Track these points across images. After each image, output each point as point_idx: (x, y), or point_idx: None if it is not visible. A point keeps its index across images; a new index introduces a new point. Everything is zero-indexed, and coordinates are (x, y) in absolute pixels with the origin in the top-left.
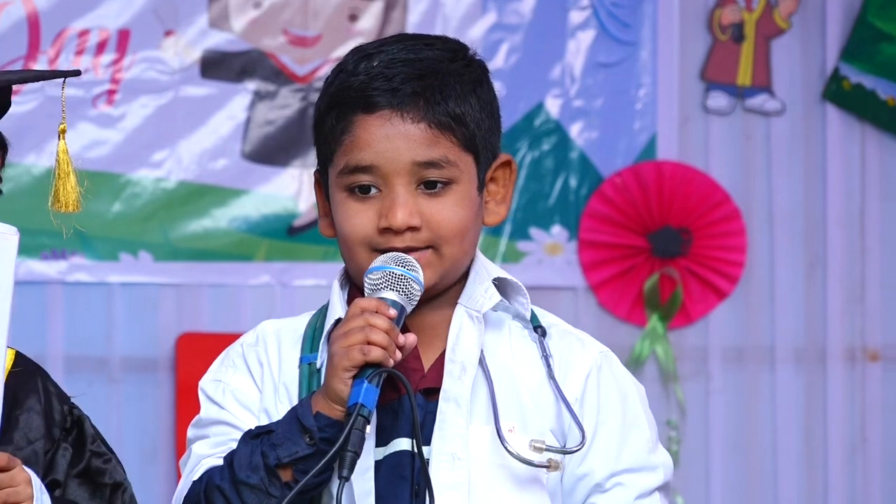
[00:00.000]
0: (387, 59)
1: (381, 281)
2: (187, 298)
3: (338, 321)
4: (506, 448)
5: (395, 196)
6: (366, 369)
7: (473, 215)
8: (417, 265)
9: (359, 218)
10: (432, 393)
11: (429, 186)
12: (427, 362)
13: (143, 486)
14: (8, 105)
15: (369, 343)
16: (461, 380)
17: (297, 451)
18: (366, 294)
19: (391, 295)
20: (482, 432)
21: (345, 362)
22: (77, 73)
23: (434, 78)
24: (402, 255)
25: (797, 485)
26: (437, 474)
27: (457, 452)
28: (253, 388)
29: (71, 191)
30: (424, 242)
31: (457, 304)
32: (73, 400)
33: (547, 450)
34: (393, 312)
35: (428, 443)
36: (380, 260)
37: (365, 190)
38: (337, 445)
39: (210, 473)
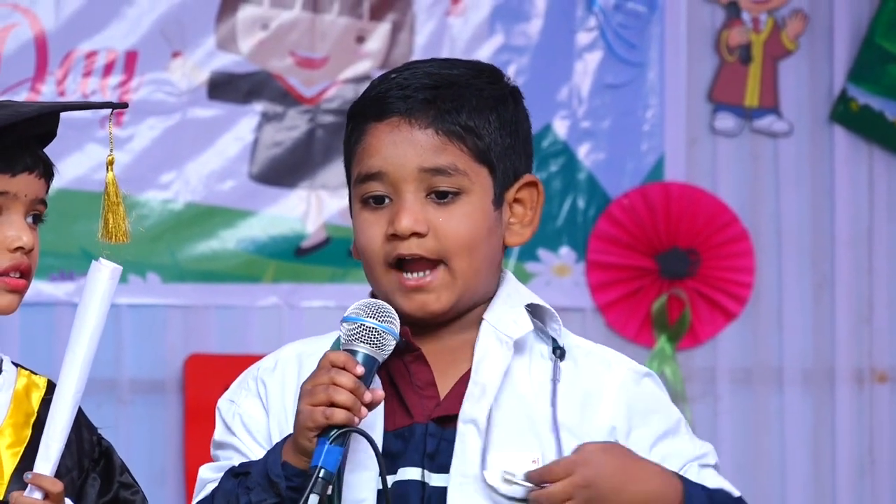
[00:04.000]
0: (408, 73)
1: (353, 333)
2: (195, 320)
3: None
4: (484, 481)
5: (402, 202)
6: (329, 429)
7: (485, 230)
8: (394, 314)
9: (372, 230)
10: (448, 421)
11: (439, 196)
12: (443, 388)
13: None
14: (55, 132)
15: (333, 404)
16: (480, 403)
17: (265, 499)
18: (341, 342)
19: (362, 348)
20: (498, 459)
21: (308, 423)
22: (125, 105)
23: (449, 89)
24: (378, 303)
25: None
26: (458, 499)
27: (477, 475)
28: (262, 414)
29: (121, 222)
30: (432, 252)
31: (481, 320)
32: (99, 431)
33: (515, 483)
34: (360, 370)
35: (444, 470)
36: (354, 309)
37: (379, 201)
38: None
39: (202, 502)
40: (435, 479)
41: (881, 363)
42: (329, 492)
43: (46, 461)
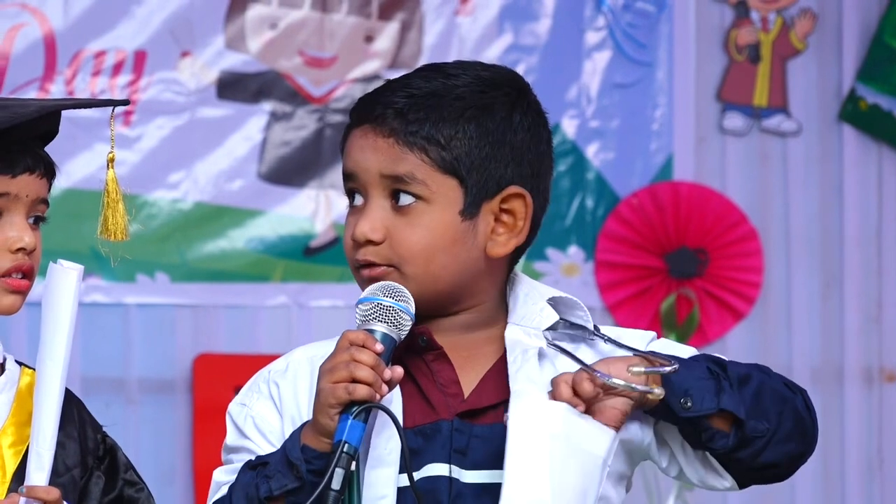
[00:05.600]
0: (396, 83)
1: (370, 312)
2: (204, 319)
3: None
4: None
5: (366, 207)
6: (351, 405)
7: (447, 240)
8: (408, 295)
9: (348, 228)
10: (474, 416)
11: (399, 202)
12: (467, 385)
13: None
14: (56, 131)
15: (354, 380)
16: (525, 358)
17: (286, 484)
18: (356, 324)
19: (380, 327)
20: (558, 407)
21: (330, 399)
22: (126, 102)
23: (425, 99)
24: (393, 284)
25: None
26: (518, 447)
27: (543, 397)
28: (275, 416)
29: (120, 219)
30: (384, 259)
31: (501, 327)
32: (104, 429)
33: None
34: (380, 347)
35: (475, 467)
36: (369, 290)
37: (356, 199)
38: (322, 485)
39: (219, 502)
40: (465, 476)
41: (890, 362)
42: (353, 467)
43: (40, 471)
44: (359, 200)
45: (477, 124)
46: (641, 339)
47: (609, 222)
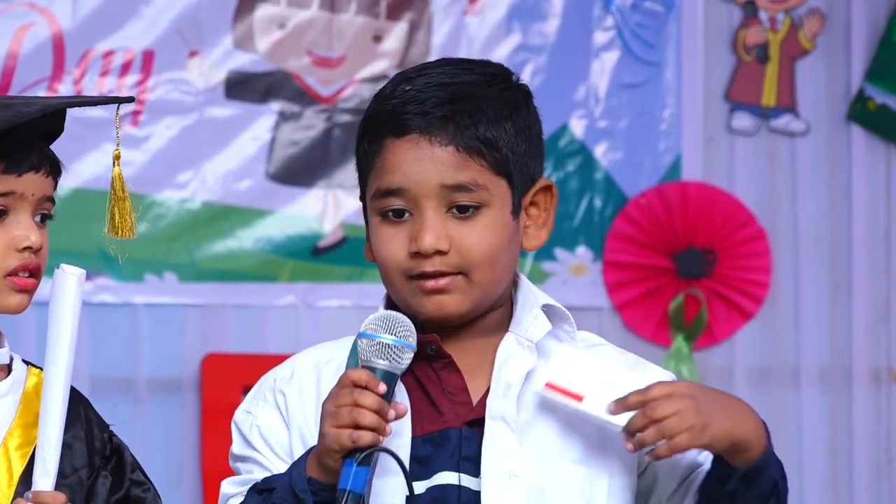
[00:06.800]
0: (422, 84)
1: (371, 349)
2: (212, 319)
3: None
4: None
5: (424, 219)
6: (356, 450)
7: (506, 241)
8: (409, 326)
9: (392, 243)
10: (480, 424)
11: (460, 211)
12: (475, 392)
13: None
14: (62, 129)
15: (358, 427)
16: (506, 397)
17: None
18: (359, 358)
19: (382, 364)
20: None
21: (334, 445)
22: (131, 99)
23: (466, 102)
24: (393, 316)
25: None
26: (493, 496)
27: (513, 470)
28: (282, 427)
29: (127, 217)
30: (454, 267)
31: (506, 332)
32: (111, 428)
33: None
34: (382, 388)
35: (478, 475)
36: (371, 324)
37: (399, 214)
38: None
39: None
40: (473, 483)
41: None
42: None
43: (46, 476)
44: (405, 216)
45: (513, 122)
46: (663, 375)
47: (617, 222)
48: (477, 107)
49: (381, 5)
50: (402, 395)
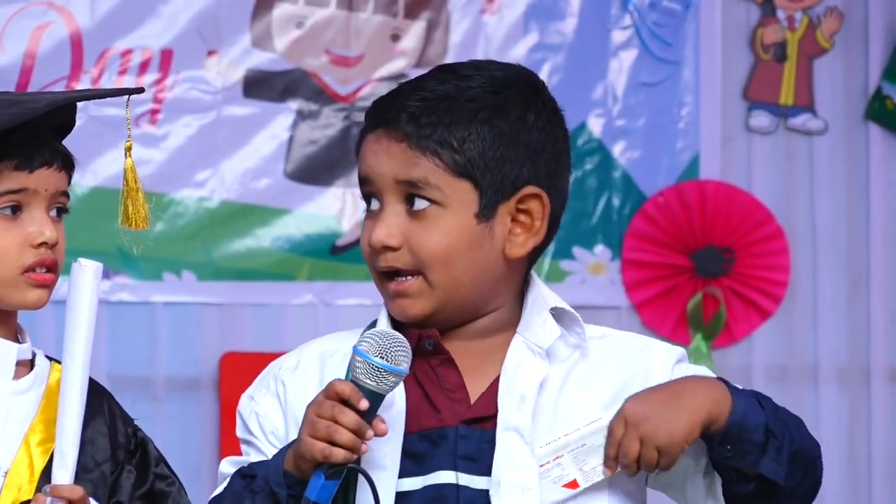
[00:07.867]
0: (411, 85)
1: (360, 367)
2: (230, 318)
3: None
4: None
5: (382, 213)
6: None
7: (464, 243)
8: (405, 348)
9: (365, 232)
10: (481, 421)
11: (414, 208)
12: (474, 390)
13: None
14: (73, 123)
15: (333, 443)
16: (520, 409)
17: None
18: (349, 370)
19: (369, 384)
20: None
21: (306, 454)
22: (141, 90)
23: (438, 102)
24: (390, 336)
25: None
26: None
27: (526, 483)
28: (279, 416)
29: (140, 208)
30: (407, 265)
31: (513, 332)
32: (136, 422)
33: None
34: (364, 404)
35: (482, 473)
36: (366, 341)
37: (370, 202)
38: None
39: (214, 502)
40: (473, 482)
41: None
42: None
43: (64, 469)
44: (375, 205)
45: (490, 125)
46: (668, 353)
47: (635, 221)
48: (446, 108)
49: (398, 4)
50: (398, 390)
